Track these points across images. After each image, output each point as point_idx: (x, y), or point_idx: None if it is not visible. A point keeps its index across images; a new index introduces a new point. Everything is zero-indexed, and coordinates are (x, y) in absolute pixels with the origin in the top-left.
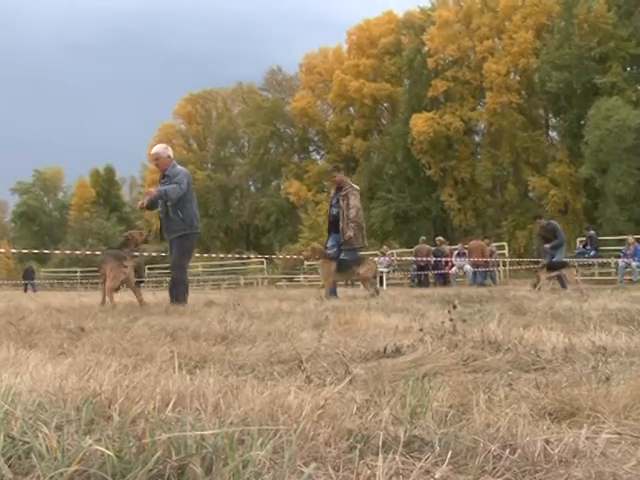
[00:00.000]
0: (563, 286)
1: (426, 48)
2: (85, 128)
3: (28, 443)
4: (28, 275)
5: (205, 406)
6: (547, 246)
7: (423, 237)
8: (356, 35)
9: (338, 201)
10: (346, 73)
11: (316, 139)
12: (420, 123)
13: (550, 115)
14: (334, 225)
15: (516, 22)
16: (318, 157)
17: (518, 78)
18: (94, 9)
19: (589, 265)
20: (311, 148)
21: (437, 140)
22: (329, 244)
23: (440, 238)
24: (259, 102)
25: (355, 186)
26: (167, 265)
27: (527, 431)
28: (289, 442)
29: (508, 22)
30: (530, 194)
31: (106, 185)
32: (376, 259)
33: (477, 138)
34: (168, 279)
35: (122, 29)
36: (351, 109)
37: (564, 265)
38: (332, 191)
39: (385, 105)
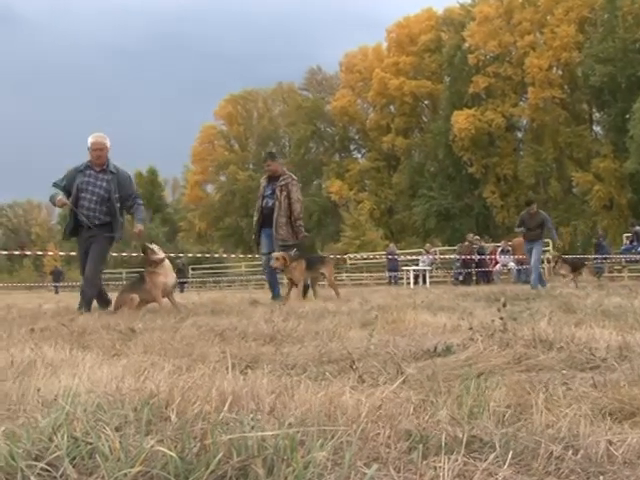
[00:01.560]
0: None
1: (466, 44)
2: (128, 131)
3: (91, 444)
4: (57, 277)
5: (261, 406)
6: (556, 238)
7: (470, 234)
8: (396, 33)
9: (274, 192)
10: (386, 71)
11: (357, 138)
12: (461, 120)
13: (594, 109)
14: (268, 218)
15: (558, 16)
16: (359, 156)
17: (560, 72)
18: (134, 13)
19: (636, 261)
20: (352, 147)
21: (478, 137)
22: (263, 239)
23: (471, 236)
24: (299, 102)
25: (294, 176)
26: (210, 265)
27: (589, 432)
28: (349, 443)
29: (550, 16)
30: (574, 190)
31: (149, 187)
32: (420, 257)
33: (519, 134)
34: (212, 279)
35: (163, 32)
36: (391, 107)
37: (583, 264)
38: (263, 180)
39: (426, 102)
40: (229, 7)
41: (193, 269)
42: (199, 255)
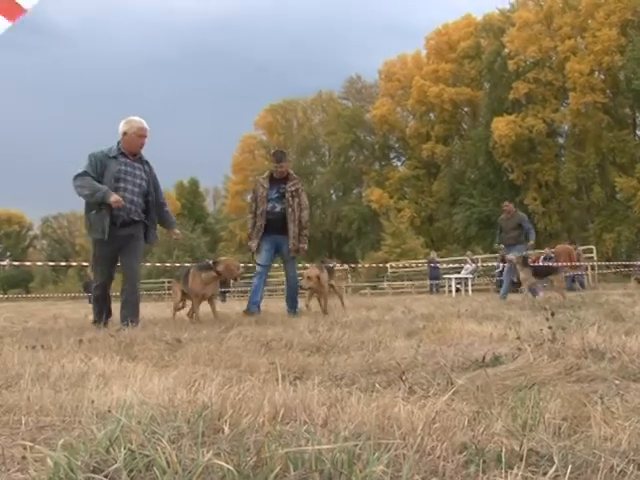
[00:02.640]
0: (534, 295)
1: (506, 50)
2: (168, 142)
3: (148, 456)
4: (88, 287)
5: (314, 419)
6: (531, 242)
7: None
8: (435, 40)
9: (284, 195)
10: (425, 79)
11: (397, 146)
12: (501, 126)
13: (637, 113)
14: (274, 225)
15: (599, 19)
16: (399, 164)
17: (602, 77)
18: (172, 24)
19: None
20: (392, 155)
21: (519, 143)
22: (265, 247)
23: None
24: (339, 111)
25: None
26: (251, 275)
27: None
28: (405, 456)
29: (591, 20)
30: (617, 195)
31: (191, 197)
32: (463, 265)
33: (560, 140)
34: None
35: (200, 43)
36: (431, 115)
37: (552, 270)
38: (264, 181)
39: (465, 109)
40: (266, 17)
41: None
42: (242, 265)
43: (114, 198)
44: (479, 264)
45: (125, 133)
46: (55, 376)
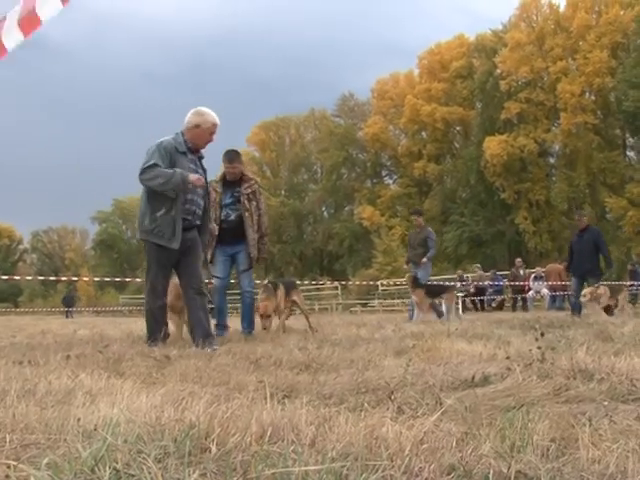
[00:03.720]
0: (439, 315)
1: (498, 70)
2: None
3: (134, 476)
4: (68, 302)
5: (301, 438)
6: (424, 260)
7: (519, 259)
8: (427, 59)
9: (239, 200)
10: (418, 97)
11: (389, 164)
12: (493, 146)
13: (627, 135)
14: (228, 234)
15: (590, 41)
16: (391, 182)
17: (593, 98)
18: (169, 39)
19: None
20: (384, 173)
21: (511, 162)
22: (219, 258)
23: (519, 261)
24: (331, 128)
25: (258, 180)
26: (236, 292)
27: (637, 468)
28: (393, 478)
29: (582, 42)
30: (607, 215)
31: None
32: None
33: (552, 160)
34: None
35: (195, 58)
36: (423, 133)
37: (444, 289)
38: (219, 185)
39: (457, 129)
40: (260, 34)
41: None
42: (232, 281)
43: (193, 177)
44: (470, 282)
45: (198, 126)
46: (41, 393)
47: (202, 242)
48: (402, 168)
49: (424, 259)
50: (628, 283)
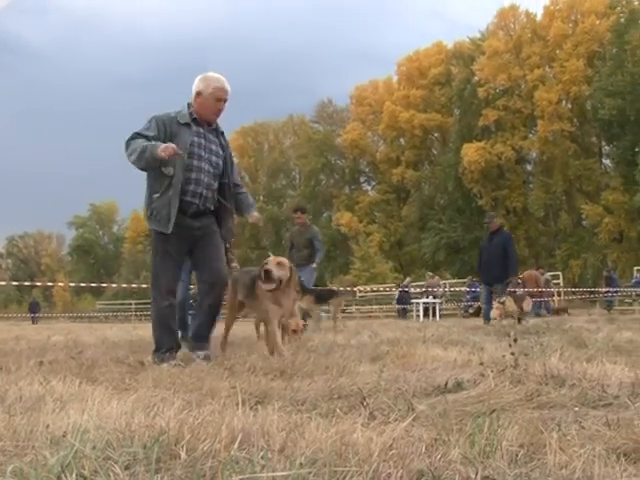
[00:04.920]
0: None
1: (476, 78)
2: None
3: None
4: (34, 308)
5: (271, 444)
6: (314, 265)
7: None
8: (406, 66)
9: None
10: (396, 104)
11: (367, 170)
12: (471, 153)
13: (603, 142)
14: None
15: (567, 50)
16: (369, 188)
17: (570, 106)
18: (146, 44)
19: None
20: (362, 179)
21: (488, 169)
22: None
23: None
24: (310, 134)
25: None
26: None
27: (603, 473)
28: None
29: (559, 50)
30: (584, 222)
31: None
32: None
33: (529, 167)
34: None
35: (171, 64)
36: (402, 140)
37: (333, 294)
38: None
39: (435, 135)
40: (239, 40)
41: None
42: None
43: (161, 147)
44: (447, 289)
45: (199, 93)
46: (11, 399)
47: (225, 228)
48: (380, 174)
49: (314, 264)
50: (604, 289)
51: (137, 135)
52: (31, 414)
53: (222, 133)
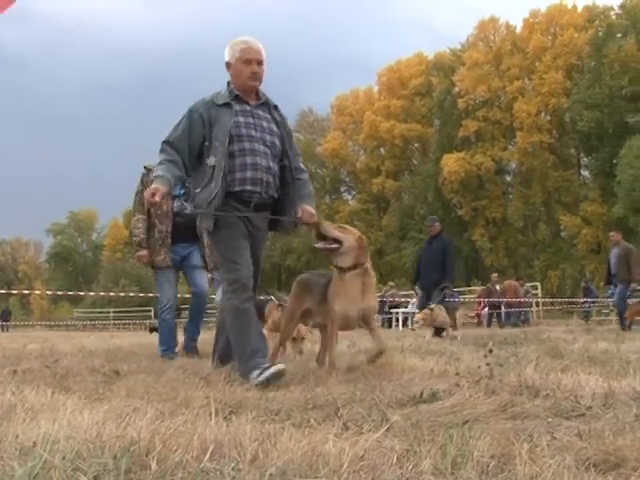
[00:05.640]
0: None
1: (456, 89)
2: (118, 170)
3: None
4: (5, 316)
5: (243, 455)
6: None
7: (495, 274)
8: (387, 76)
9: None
10: (377, 114)
11: (347, 180)
12: (451, 163)
13: (582, 154)
14: (184, 227)
15: (546, 62)
16: (349, 197)
17: (549, 118)
18: (129, 51)
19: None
20: (342, 189)
21: (468, 180)
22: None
23: (495, 275)
24: None
25: None
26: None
27: None
28: None
29: (538, 62)
30: (562, 233)
31: None
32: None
33: (508, 178)
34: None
35: (156, 71)
36: (382, 150)
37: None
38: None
39: (416, 145)
40: (221, 48)
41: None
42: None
43: (147, 193)
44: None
45: (228, 64)
46: None
47: (292, 212)
48: (361, 184)
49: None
50: (582, 300)
51: (164, 146)
52: (1, 424)
53: (275, 107)
